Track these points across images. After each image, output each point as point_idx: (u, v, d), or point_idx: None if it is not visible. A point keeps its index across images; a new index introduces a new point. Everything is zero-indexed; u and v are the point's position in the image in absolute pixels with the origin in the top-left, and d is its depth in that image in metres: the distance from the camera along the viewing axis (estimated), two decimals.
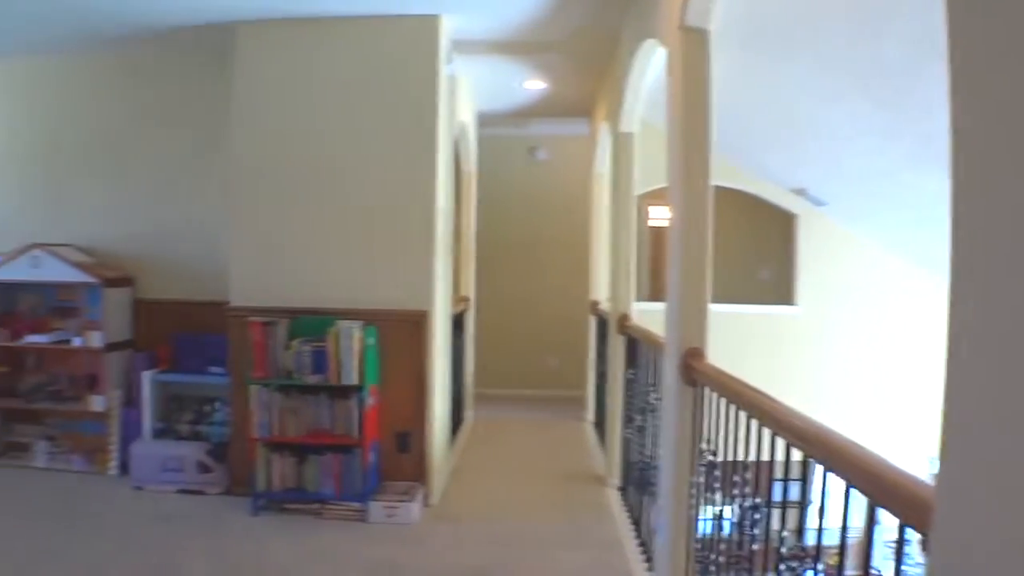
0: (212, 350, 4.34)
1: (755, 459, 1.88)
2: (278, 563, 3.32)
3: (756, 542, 1.93)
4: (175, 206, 4.78)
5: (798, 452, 1.55)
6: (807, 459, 1.52)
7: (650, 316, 3.84)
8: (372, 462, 3.89)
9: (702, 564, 2.32)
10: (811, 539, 1.61)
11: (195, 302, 4.60)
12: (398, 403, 4.05)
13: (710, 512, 2.25)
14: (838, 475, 1.31)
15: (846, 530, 1.34)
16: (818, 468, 1.42)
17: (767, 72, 4.08)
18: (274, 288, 4.08)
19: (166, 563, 3.28)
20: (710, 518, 2.25)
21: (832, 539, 1.43)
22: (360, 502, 3.79)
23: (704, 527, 2.33)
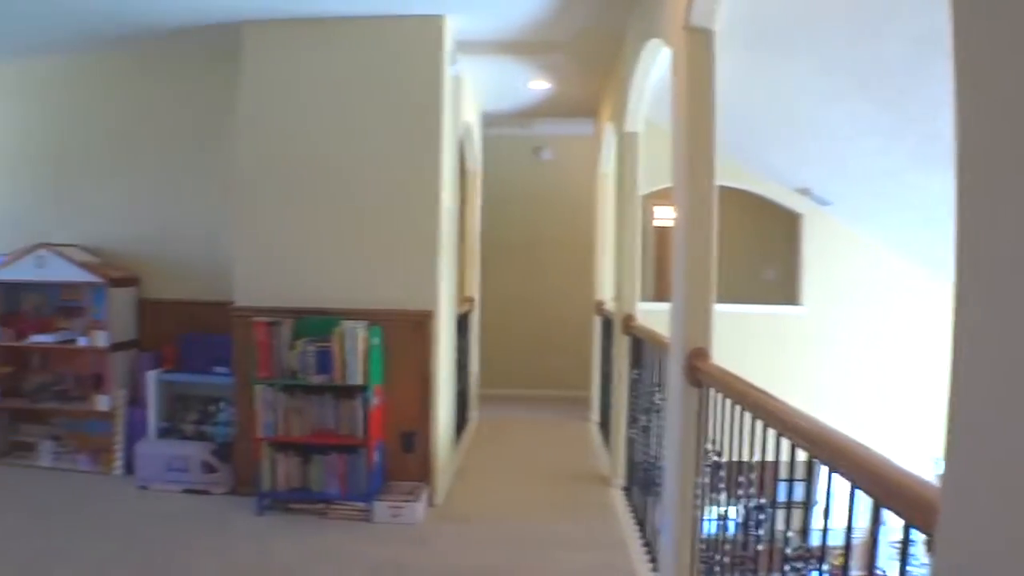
0: (217, 350, 4.35)
1: (760, 459, 1.88)
2: (283, 563, 3.32)
3: (761, 543, 1.93)
4: (180, 206, 4.79)
5: (803, 452, 1.54)
6: (812, 459, 1.52)
7: (655, 316, 3.83)
8: (377, 462, 3.90)
9: (707, 565, 2.32)
10: (816, 540, 1.61)
11: (200, 302, 4.62)
12: (403, 403, 4.05)
13: (715, 512, 2.25)
14: (843, 476, 1.31)
15: (851, 531, 1.34)
16: (823, 469, 1.42)
17: (771, 72, 4.08)
18: (279, 288, 4.09)
19: (170, 563, 3.29)
20: (715, 518, 2.25)
21: (837, 540, 1.42)
22: (365, 502, 3.80)
23: (709, 528, 2.33)
